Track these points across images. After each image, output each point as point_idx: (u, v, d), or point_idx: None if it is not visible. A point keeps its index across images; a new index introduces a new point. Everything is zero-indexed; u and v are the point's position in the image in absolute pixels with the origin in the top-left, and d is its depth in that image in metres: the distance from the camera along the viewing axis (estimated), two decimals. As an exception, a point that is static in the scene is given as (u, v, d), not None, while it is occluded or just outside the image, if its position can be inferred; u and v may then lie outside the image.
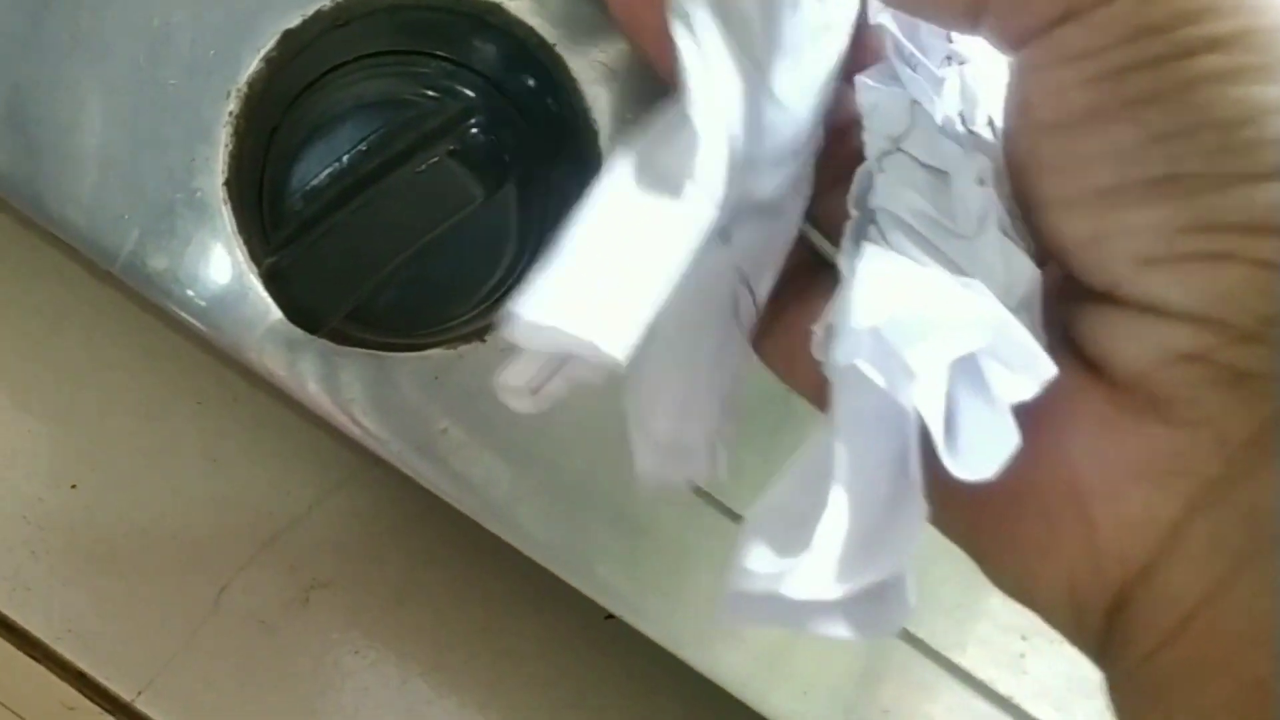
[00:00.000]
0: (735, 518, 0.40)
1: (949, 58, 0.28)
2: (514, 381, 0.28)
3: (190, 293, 0.39)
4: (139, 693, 0.42)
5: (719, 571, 0.40)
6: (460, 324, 0.38)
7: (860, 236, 0.28)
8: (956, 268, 0.25)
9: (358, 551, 0.44)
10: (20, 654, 0.42)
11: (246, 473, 0.44)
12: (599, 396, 0.33)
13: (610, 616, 0.41)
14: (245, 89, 0.36)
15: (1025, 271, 0.25)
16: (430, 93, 0.35)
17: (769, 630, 0.41)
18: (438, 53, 0.35)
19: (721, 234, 0.28)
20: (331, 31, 0.36)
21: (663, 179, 0.27)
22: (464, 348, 0.39)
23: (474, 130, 0.33)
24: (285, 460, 0.44)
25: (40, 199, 0.38)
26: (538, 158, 0.35)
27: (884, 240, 0.27)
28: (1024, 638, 0.41)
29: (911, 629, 0.41)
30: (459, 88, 0.35)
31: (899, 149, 0.27)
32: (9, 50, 0.36)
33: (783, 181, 0.29)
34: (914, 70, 0.28)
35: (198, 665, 0.43)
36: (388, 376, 0.39)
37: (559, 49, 0.35)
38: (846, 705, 0.42)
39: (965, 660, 0.41)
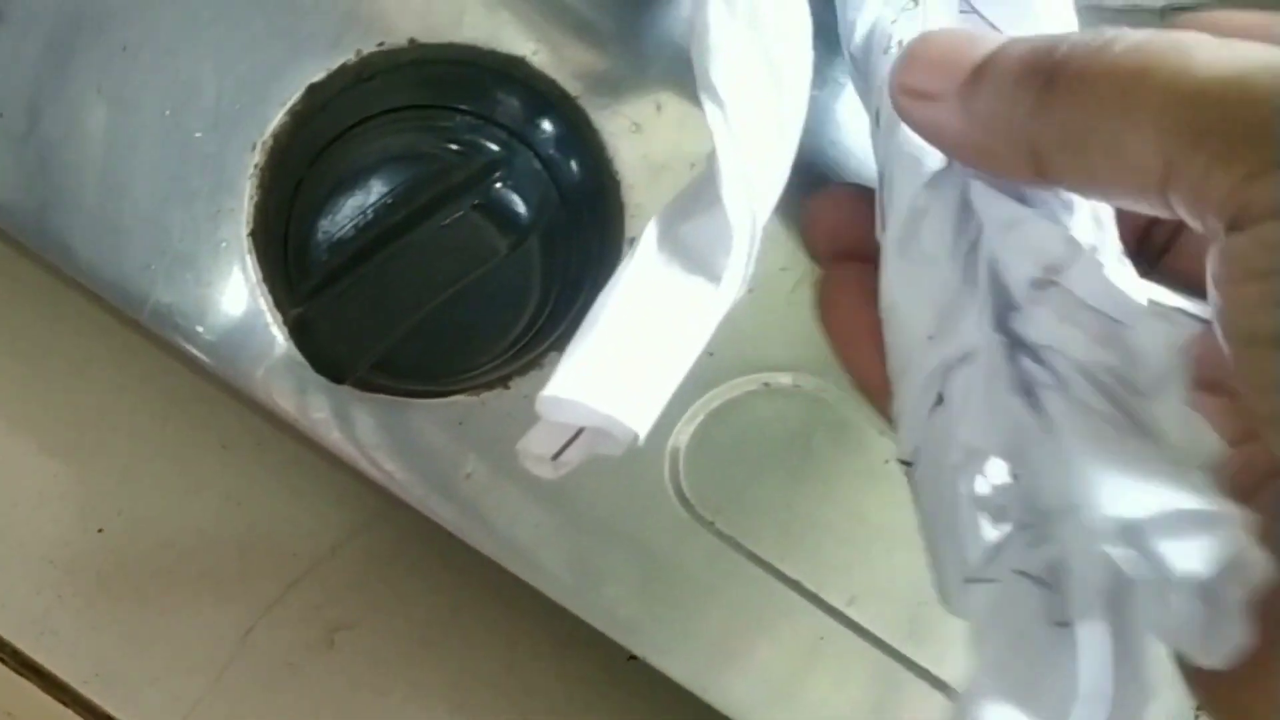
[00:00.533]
0: (756, 560, 0.40)
1: None
2: (535, 450, 0.29)
3: (215, 341, 0.39)
4: (166, 735, 0.43)
5: (740, 612, 0.41)
6: (483, 371, 0.38)
7: (1014, 364, 0.27)
8: (1137, 425, 0.25)
9: (382, 593, 0.44)
10: (49, 698, 0.42)
11: (271, 515, 0.44)
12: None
13: (633, 658, 0.42)
14: (270, 141, 0.37)
15: (1207, 443, 0.25)
16: (454, 146, 0.35)
17: (796, 674, 0.42)
18: (462, 106, 0.36)
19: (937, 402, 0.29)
20: (356, 85, 0.36)
21: (694, 263, 0.28)
22: (488, 394, 0.39)
23: (498, 185, 0.34)
24: (309, 503, 0.44)
25: (68, 248, 0.38)
26: (561, 209, 0.36)
27: (1060, 386, 0.26)
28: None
29: (933, 670, 0.41)
30: (483, 141, 0.35)
31: (1055, 282, 0.26)
32: (38, 102, 0.37)
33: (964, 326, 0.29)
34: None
35: (224, 706, 0.43)
36: (411, 422, 0.40)
37: (581, 102, 0.36)
38: (870, 746, 0.42)
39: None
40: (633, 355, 0.28)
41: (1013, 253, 0.27)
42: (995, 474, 0.27)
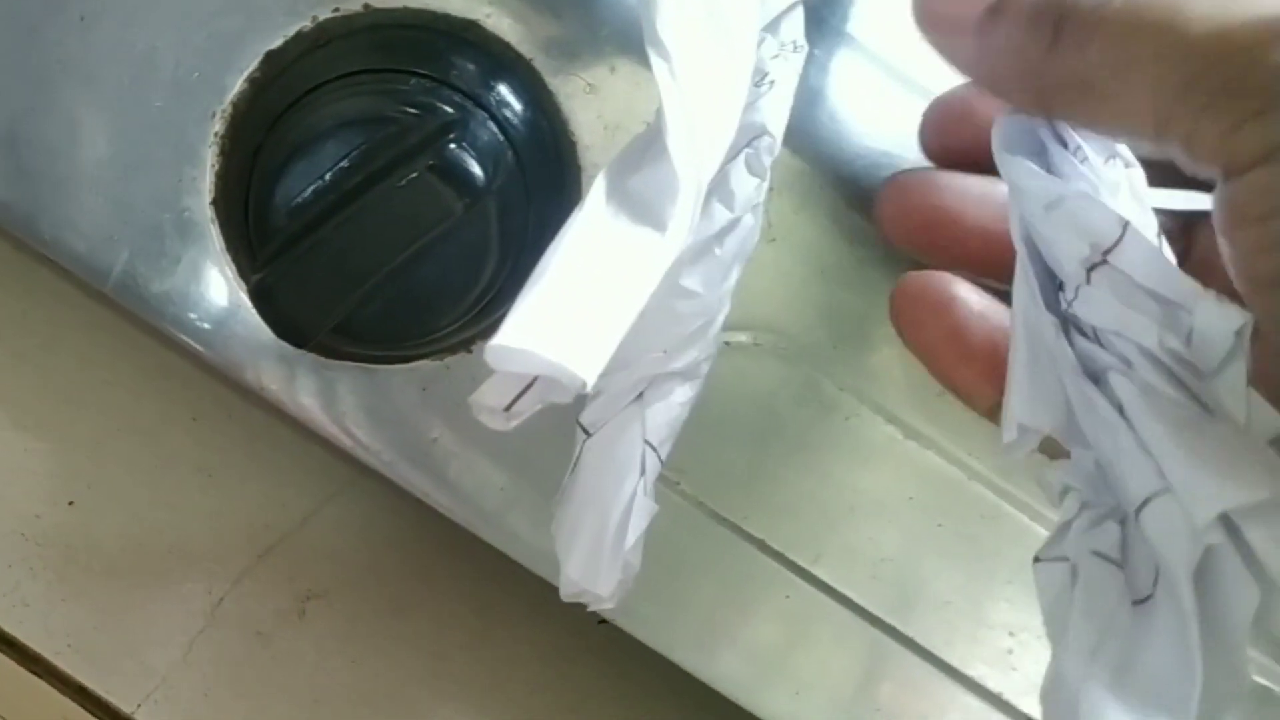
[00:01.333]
0: (724, 523, 0.41)
1: (1115, 156, 0.29)
2: (488, 401, 0.30)
3: (181, 310, 0.39)
4: (138, 705, 0.43)
5: (710, 576, 0.41)
6: (446, 335, 0.38)
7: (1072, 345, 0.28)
8: (1203, 407, 0.26)
9: (353, 562, 0.45)
10: (21, 669, 0.42)
11: (242, 486, 0.44)
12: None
13: (603, 621, 0.42)
14: (230, 110, 0.37)
15: (1271, 422, 0.25)
16: (410, 109, 0.35)
17: (761, 632, 0.42)
18: (417, 70, 0.36)
19: (637, 397, 0.33)
20: (313, 51, 0.36)
21: (640, 213, 0.28)
22: (451, 359, 0.39)
23: (452, 145, 0.34)
24: (280, 473, 0.45)
25: (33, 221, 0.38)
26: (518, 171, 0.36)
27: (1126, 368, 0.27)
28: (1011, 634, 0.41)
29: (900, 627, 0.41)
30: (438, 104, 0.35)
31: (1106, 261, 0.27)
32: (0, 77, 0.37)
33: (694, 355, 0.33)
34: (1079, 163, 0.29)
35: (196, 677, 0.43)
36: (377, 388, 0.40)
37: (536, 64, 0.36)
38: (838, 704, 0.42)
39: (954, 658, 0.41)
40: (580, 304, 0.28)
41: (1059, 229, 0.28)
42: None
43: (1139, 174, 0.29)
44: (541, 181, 0.36)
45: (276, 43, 0.36)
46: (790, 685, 0.42)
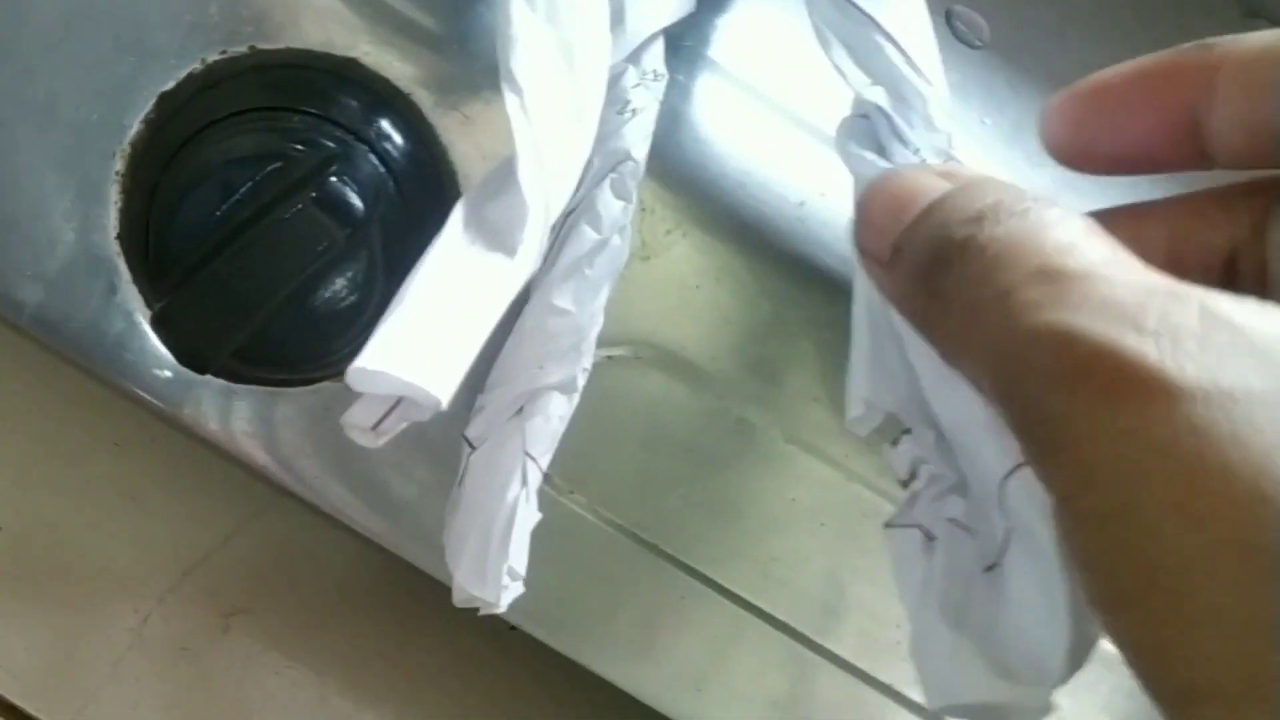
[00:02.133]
0: (619, 529, 0.42)
1: (950, 158, 0.31)
2: (357, 420, 0.32)
3: (95, 341, 0.41)
4: (68, 722, 0.45)
5: (609, 582, 0.43)
6: (343, 358, 0.40)
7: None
8: None
9: (274, 578, 0.46)
10: (-48, 691, 0.44)
11: (165, 508, 0.46)
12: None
13: (514, 628, 0.44)
14: (129, 149, 0.39)
15: None
16: (296, 145, 0.37)
17: (661, 633, 0.44)
18: (302, 107, 0.38)
19: (518, 411, 0.35)
20: (204, 92, 0.38)
21: (492, 240, 0.31)
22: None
23: (333, 178, 0.36)
24: (201, 495, 0.46)
25: (-52, 260, 0.40)
26: (399, 200, 0.38)
27: None
28: (899, 626, 0.43)
29: (792, 623, 0.43)
30: (321, 139, 0.37)
31: None
32: (-89, 123, 0.39)
33: (569, 370, 0.35)
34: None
35: (124, 693, 0.45)
36: (282, 411, 0.42)
37: (414, 98, 0.38)
38: (738, 699, 0.44)
39: (846, 651, 0.43)
40: (434, 327, 0.30)
41: None
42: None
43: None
44: (423, 210, 0.38)
45: (169, 85, 0.38)
46: (691, 682, 0.44)
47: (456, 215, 0.31)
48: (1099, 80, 0.26)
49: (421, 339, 0.30)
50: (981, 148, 0.40)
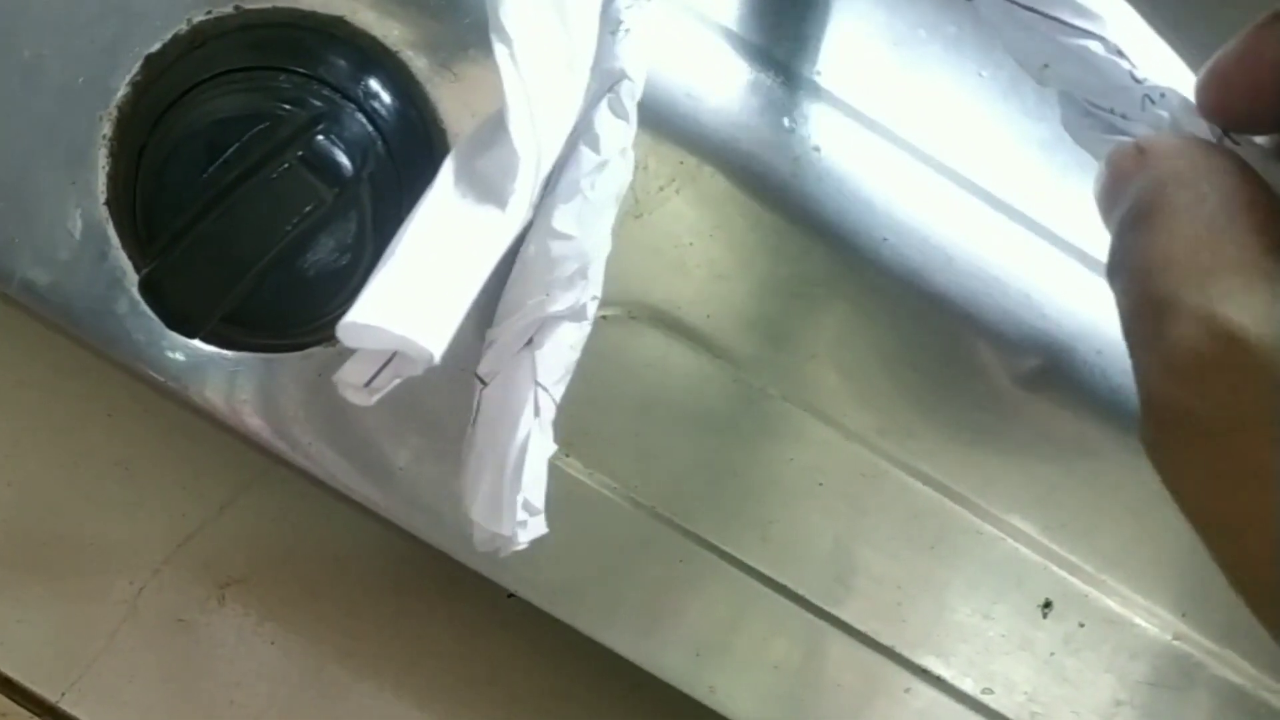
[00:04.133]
0: (615, 492, 0.42)
1: (1147, 97, 0.29)
2: (350, 378, 0.31)
3: (85, 309, 0.41)
4: (63, 694, 0.44)
5: (606, 546, 0.43)
6: (334, 321, 0.39)
7: None
8: None
9: (269, 548, 0.46)
10: (-54, 663, 0.44)
11: (159, 478, 0.46)
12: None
13: (511, 595, 0.43)
14: (115, 113, 0.38)
15: None
16: (282, 105, 0.36)
17: (659, 597, 0.43)
18: (288, 66, 0.37)
19: (527, 343, 0.35)
20: (190, 53, 0.38)
21: (483, 192, 0.30)
22: (342, 345, 0.41)
23: (320, 137, 0.36)
24: (196, 464, 0.46)
25: (-67, 229, 0.40)
26: (388, 159, 0.37)
27: None
28: (899, 587, 0.43)
29: (792, 585, 0.43)
30: (308, 98, 0.37)
31: None
32: (-106, 90, 0.38)
33: (577, 297, 0.34)
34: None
35: (119, 664, 0.45)
36: (275, 377, 0.41)
37: (402, 56, 0.37)
38: (737, 663, 0.44)
39: (846, 614, 0.43)
40: (426, 280, 0.30)
41: None
42: None
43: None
44: (413, 169, 0.38)
45: (155, 46, 0.38)
46: (690, 646, 0.43)
47: (447, 168, 0.31)
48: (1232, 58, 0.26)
49: (413, 292, 0.29)
50: (979, 100, 0.40)
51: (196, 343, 0.40)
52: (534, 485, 0.34)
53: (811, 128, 0.38)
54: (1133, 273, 0.23)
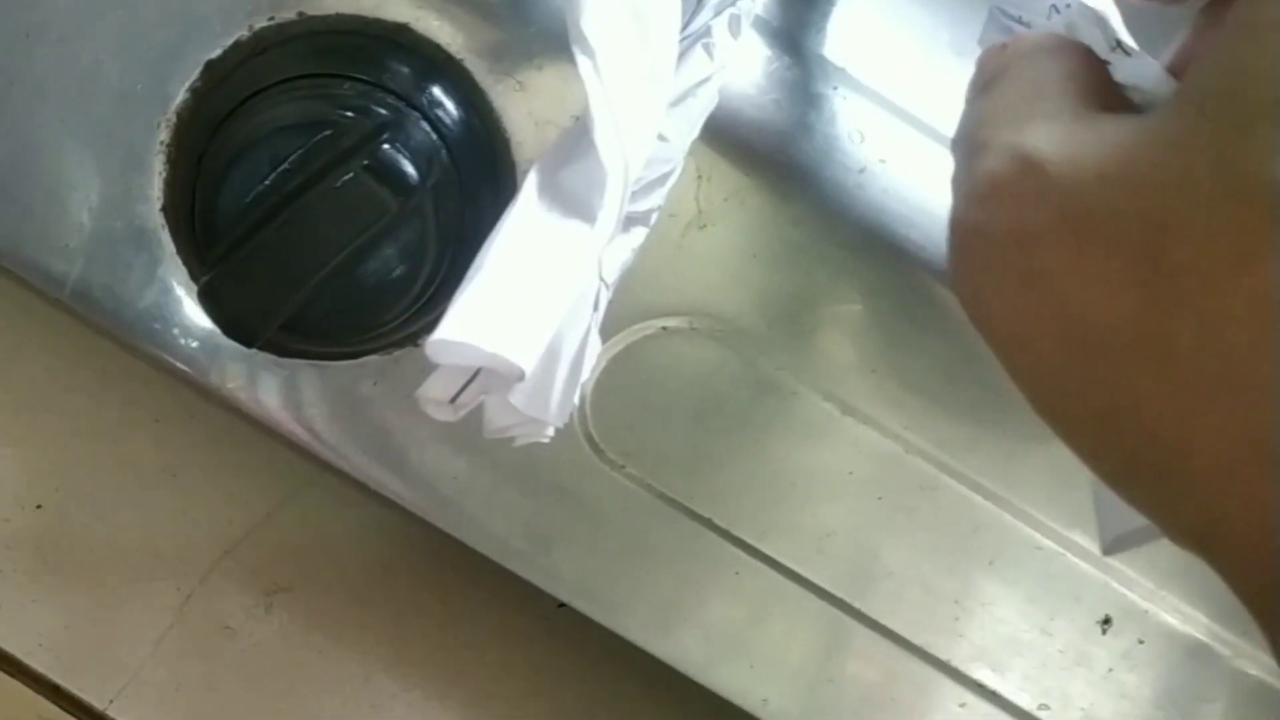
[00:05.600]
0: (671, 504, 0.42)
1: (1053, 7, 0.30)
2: (433, 394, 0.31)
3: (136, 315, 0.40)
4: (110, 701, 0.44)
5: (661, 557, 0.42)
6: (392, 330, 0.39)
7: None
8: None
9: (316, 555, 0.46)
10: (-6, 669, 0.44)
11: (206, 485, 0.45)
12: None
13: (562, 605, 0.43)
14: (174, 119, 0.38)
15: None
16: (346, 113, 0.36)
17: (714, 609, 0.43)
18: (352, 74, 0.37)
19: None
20: (251, 59, 0.37)
21: (570, 206, 0.30)
22: (398, 352, 0.40)
23: (386, 146, 0.35)
24: (242, 471, 0.46)
25: (-12, 233, 0.40)
26: (452, 168, 0.37)
27: None
28: (956, 601, 0.42)
29: (848, 599, 0.42)
30: (372, 106, 0.36)
31: None
32: (-52, 93, 0.38)
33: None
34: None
35: (166, 672, 0.44)
36: (329, 384, 0.41)
37: (467, 65, 0.37)
38: (792, 676, 0.44)
39: (901, 627, 0.43)
40: (515, 295, 0.29)
41: None
42: None
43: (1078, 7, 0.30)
44: (476, 178, 0.38)
45: (216, 52, 0.37)
46: (745, 660, 0.43)
47: (531, 182, 0.31)
48: None
49: (502, 308, 0.29)
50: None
51: (248, 350, 0.40)
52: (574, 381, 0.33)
53: (877, 140, 0.38)
54: (963, 132, 0.25)
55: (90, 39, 0.38)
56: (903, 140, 0.38)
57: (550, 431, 0.34)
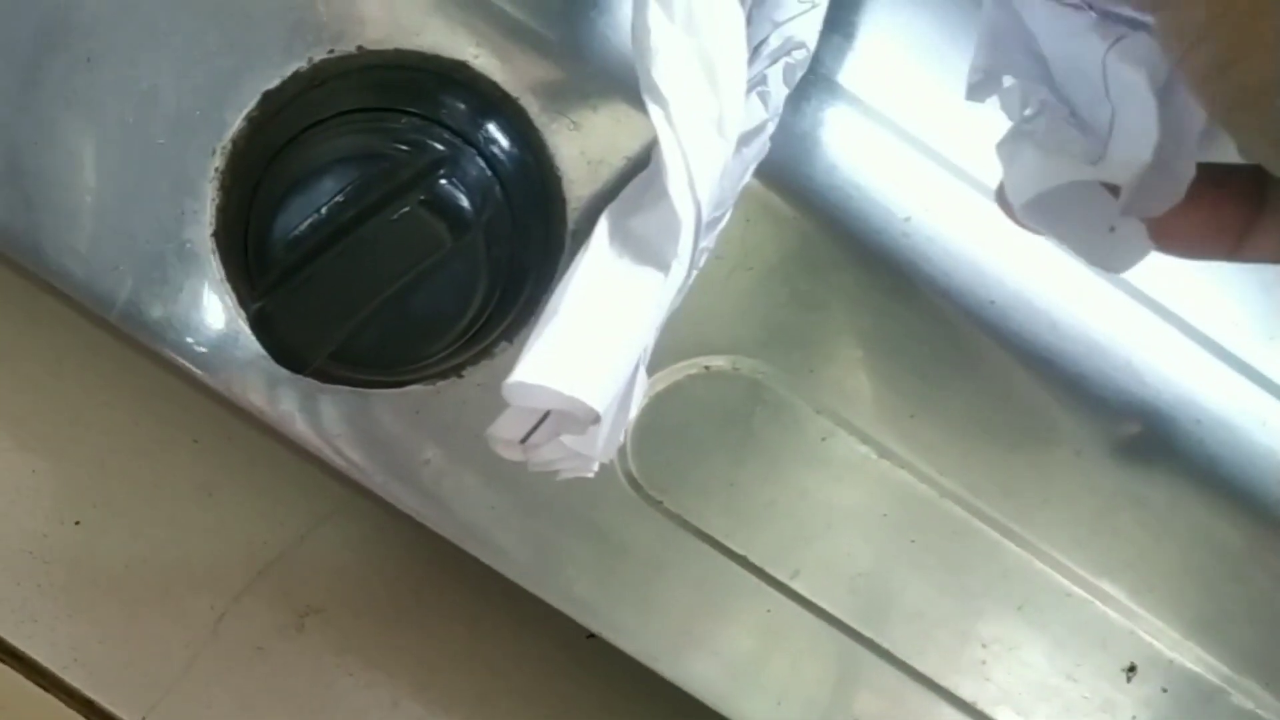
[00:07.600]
0: (706, 539, 0.42)
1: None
2: (504, 434, 0.31)
3: (182, 337, 0.41)
4: (143, 717, 0.44)
5: (693, 591, 0.43)
6: (437, 361, 0.40)
7: None
8: None
9: (349, 578, 0.46)
10: (29, 683, 0.44)
11: (241, 505, 0.46)
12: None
13: (591, 636, 0.43)
14: (229, 146, 0.39)
15: None
16: (402, 146, 0.37)
17: (743, 644, 0.43)
18: (409, 109, 0.37)
19: None
20: (309, 91, 0.38)
21: (642, 253, 0.30)
22: (442, 384, 0.41)
23: (442, 181, 0.36)
24: (278, 493, 0.46)
25: (39, 251, 0.40)
26: (505, 204, 0.38)
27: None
28: (984, 645, 0.43)
29: (877, 639, 0.43)
30: (429, 141, 0.37)
31: None
32: (5, 111, 0.39)
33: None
34: None
35: (198, 690, 0.45)
36: (371, 412, 0.41)
37: (522, 103, 0.37)
38: (818, 714, 0.44)
39: (929, 668, 0.43)
40: (591, 340, 0.30)
41: None
42: None
43: None
44: (528, 215, 0.38)
45: (274, 83, 0.38)
46: (772, 696, 0.44)
47: (601, 228, 0.31)
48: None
49: (577, 351, 0.30)
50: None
51: (294, 375, 0.40)
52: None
53: (924, 188, 0.38)
54: None
55: (149, 64, 0.38)
56: (947, 189, 0.39)
57: (595, 467, 0.34)
